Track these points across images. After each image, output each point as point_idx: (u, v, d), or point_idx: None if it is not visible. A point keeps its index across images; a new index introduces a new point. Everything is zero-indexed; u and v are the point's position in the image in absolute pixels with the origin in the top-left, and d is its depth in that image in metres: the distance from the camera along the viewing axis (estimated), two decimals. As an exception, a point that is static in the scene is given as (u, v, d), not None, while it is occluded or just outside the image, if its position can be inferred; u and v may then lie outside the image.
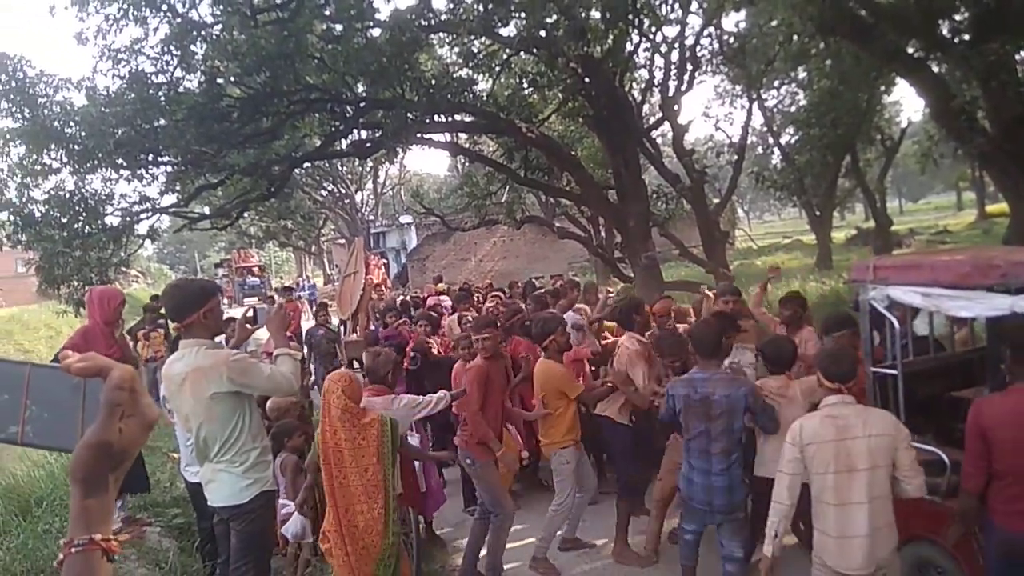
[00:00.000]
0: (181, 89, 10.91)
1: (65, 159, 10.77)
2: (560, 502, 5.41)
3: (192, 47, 10.67)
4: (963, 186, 49.15)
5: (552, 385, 5.40)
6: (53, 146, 10.63)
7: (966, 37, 9.12)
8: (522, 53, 13.36)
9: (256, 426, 3.87)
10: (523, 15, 11.66)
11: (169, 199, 13.19)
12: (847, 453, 3.40)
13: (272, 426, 5.40)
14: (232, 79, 11.36)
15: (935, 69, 9.74)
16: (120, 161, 10.82)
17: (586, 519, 5.94)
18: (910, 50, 9.46)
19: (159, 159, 11.41)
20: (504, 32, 12.49)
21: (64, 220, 11.19)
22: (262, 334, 10.19)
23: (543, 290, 9.66)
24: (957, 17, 9.92)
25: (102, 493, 1.03)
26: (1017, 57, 9.24)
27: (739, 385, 4.32)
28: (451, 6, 12.34)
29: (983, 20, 8.43)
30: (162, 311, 10.15)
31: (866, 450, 3.39)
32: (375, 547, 3.94)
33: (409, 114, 11.40)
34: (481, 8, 11.77)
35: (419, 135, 12.82)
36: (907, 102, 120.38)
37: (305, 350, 9.79)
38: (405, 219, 35.86)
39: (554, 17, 11.39)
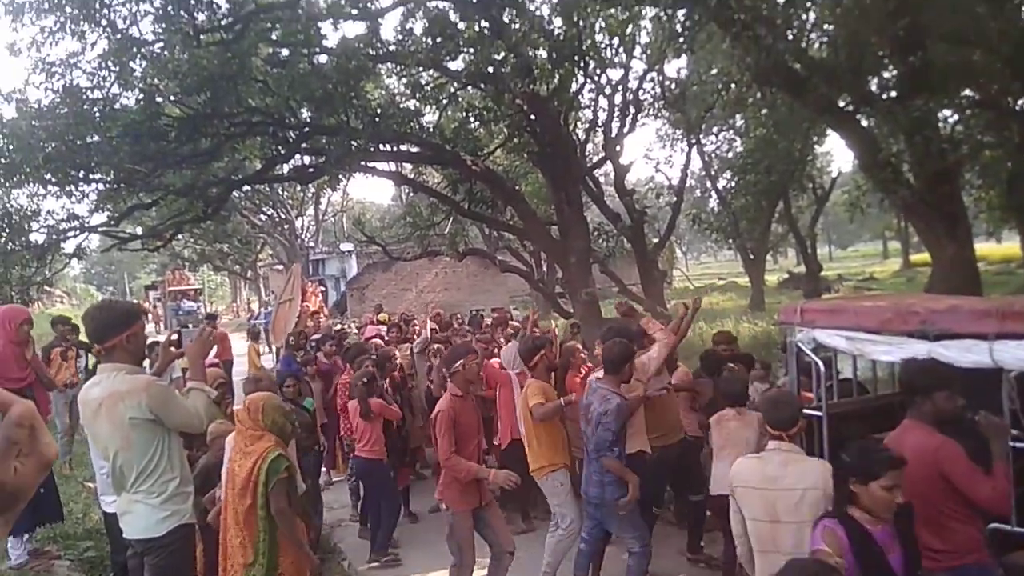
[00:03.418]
0: (117, 106, 10.61)
1: (-11, 172, 10.35)
2: (566, 525, 5.26)
3: (131, 64, 10.41)
4: (889, 235, 51.43)
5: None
6: (-23, 158, 10.22)
7: (893, 94, 9.57)
8: (469, 87, 13.49)
9: (176, 455, 3.70)
10: (471, 50, 11.80)
11: (99, 218, 12.77)
12: (772, 503, 3.35)
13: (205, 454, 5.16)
14: (171, 98, 11.13)
15: (863, 123, 10.18)
16: (49, 177, 10.44)
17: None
18: (841, 103, 9.87)
19: (91, 176, 11.05)
20: (452, 66, 12.61)
21: (-15, 235, 10.74)
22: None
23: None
24: (885, 74, 10.43)
25: None
26: (939, 114, 9.74)
27: (606, 404, 4.68)
28: (400, 37, 12.41)
29: (909, 78, 8.86)
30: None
31: (793, 504, 3.30)
32: (237, 574, 3.94)
33: (353, 142, 11.32)
34: (430, 41, 11.87)
35: (363, 163, 12.75)
36: (838, 153, 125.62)
37: None
38: (346, 247, 35.47)
39: (502, 54, 11.56)
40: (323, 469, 8.24)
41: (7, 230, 10.87)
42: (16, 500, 0.99)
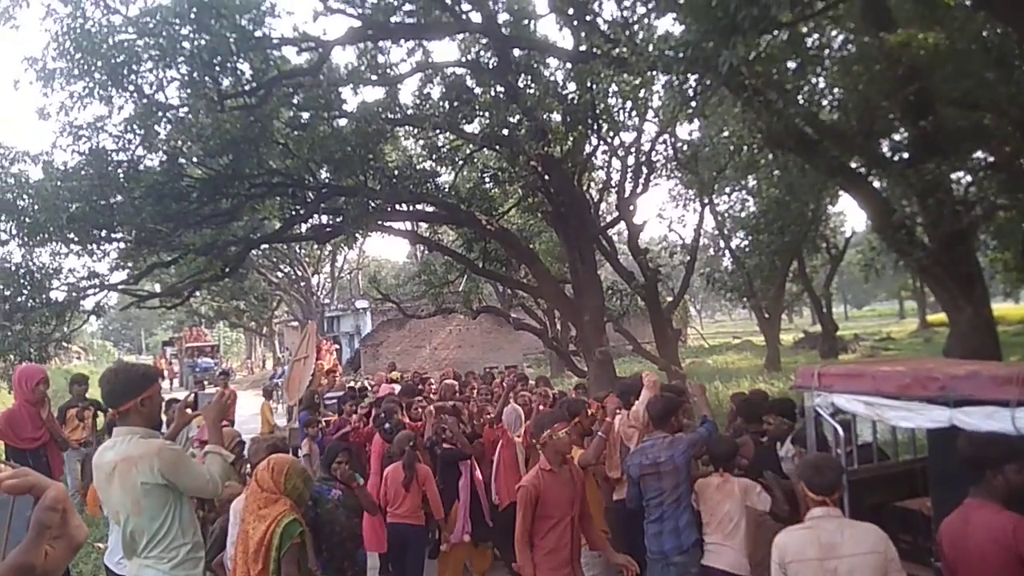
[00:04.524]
0: (141, 167, 10.90)
1: (14, 231, 10.57)
2: None
3: (156, 127, 10.73)
4: (905, 295, 51.03)
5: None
6: (3, 217, 10.44)
7: (905, 156, 9.62)
8: (485, 149, 13.73)
9: (188, 520, 3.66)
10: (487, 114, 12.06)
11: (119, 276, 12.95)
12: (833, 572, 3.23)
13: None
14: (194, 160, 11.41)
15: (876, 184, 10.22)
16: (71, 236, 10.65)
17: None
18: (853, 165, 9.93)
19: (112, 235, 11.26)
20: (468, 128, 12.90)
21: (7, 293, 10.89)
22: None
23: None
24: (896, 137, 10.51)
25: None
26: (952, 176, 9.77)
27: (676, 445, 4.77)
28: (418, 102, 12.74)
29: (920, 141, 8.92)
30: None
31: (854, 569, 3.20)
32: None
33: (371, 202, 11.53)
34: (447, 105, 12.16)
35: (380, 223, 12.94)
36: (851, 213, 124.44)
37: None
38: (361, 304, 35.65)
39: (516, 117, 11.81)
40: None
41: (28, 288, 11.03)
42: None
